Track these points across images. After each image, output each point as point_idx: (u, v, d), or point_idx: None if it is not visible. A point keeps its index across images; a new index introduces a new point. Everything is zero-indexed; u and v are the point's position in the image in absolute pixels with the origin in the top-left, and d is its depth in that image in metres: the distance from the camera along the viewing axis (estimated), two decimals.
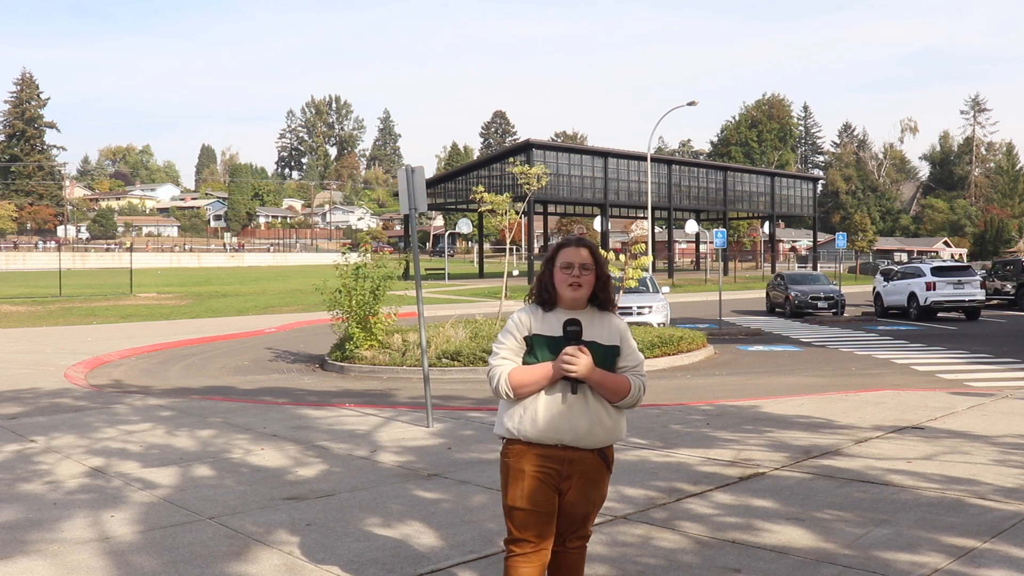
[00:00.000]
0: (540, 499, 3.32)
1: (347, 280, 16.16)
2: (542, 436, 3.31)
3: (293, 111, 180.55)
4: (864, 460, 7.04)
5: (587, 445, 3.34)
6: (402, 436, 8.59)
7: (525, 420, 3.32)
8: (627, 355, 3.40)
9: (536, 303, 3.45)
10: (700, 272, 64.30)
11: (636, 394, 3.36)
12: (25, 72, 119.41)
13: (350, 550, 5.02)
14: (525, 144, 53.84)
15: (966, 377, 12.98)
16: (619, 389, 3.32)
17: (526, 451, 3.34)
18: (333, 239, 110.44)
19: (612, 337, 3.38)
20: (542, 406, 3.30)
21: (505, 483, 3.41)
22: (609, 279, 3.45)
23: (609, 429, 3.37)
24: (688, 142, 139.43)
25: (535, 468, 3.32)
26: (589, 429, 3.31)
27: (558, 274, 3.39)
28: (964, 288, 25.26)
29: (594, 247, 3.45)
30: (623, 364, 3.39)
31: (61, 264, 48.80)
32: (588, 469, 3.37)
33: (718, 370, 14.81)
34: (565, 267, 3.37)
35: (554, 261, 3.41)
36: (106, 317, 29.37)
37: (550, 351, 3.32)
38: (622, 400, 3.34)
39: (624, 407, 3.39)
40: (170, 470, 7.21)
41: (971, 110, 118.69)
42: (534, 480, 3.32)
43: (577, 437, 3.31)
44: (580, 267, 3.36)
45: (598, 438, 3.35)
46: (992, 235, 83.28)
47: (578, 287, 3.35)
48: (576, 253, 3.38)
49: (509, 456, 3.39)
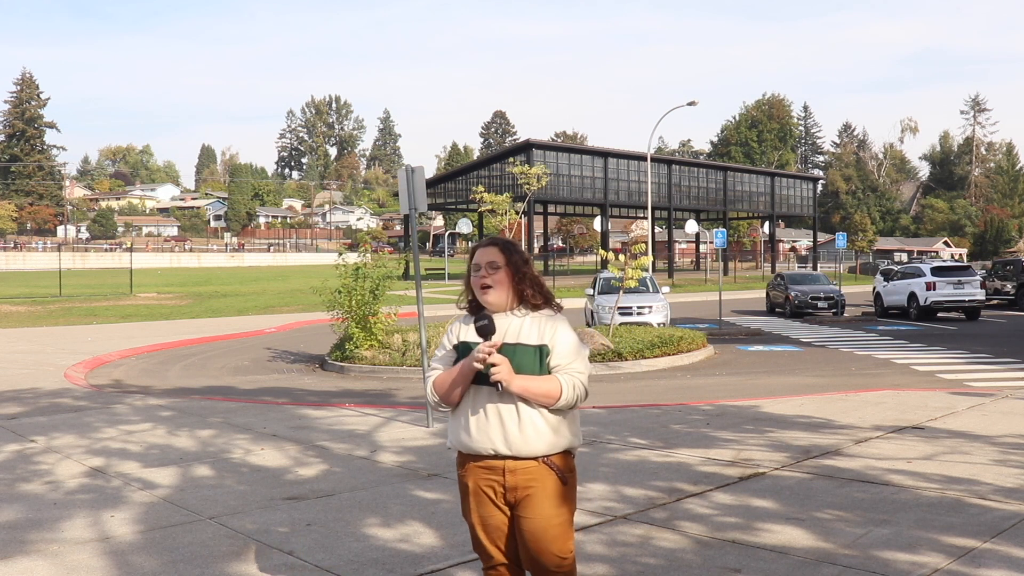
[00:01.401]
0: (485, 515, 3.18)
1: (347, 280, 16.16)
2: (475, 444, 3.12)
3: (293, 111, 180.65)
4: (864, 460, 7.04)
5: (525, 453, 3.08)
6: (402, 436, 8.59)
7: (459, 429, 3.18)
8: (558, 353, 3.10)
9: (469, 312, 3.28)
10: (700, 272, 64.30)
11: (570, 394, 3.05)
12: (25, 72, 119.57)
13: (350, 550, 5.02)
14: (525, 144, 53.87)
15: (966, 377, 12.97)
16: (548, 392, 3.03)
17: (469, 464, 3.19)
18: (333, 239, 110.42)
19: (541, 336, 3.11)
20: (472, 415, 3.13)
21: (460, 497, 3.31)
22: (527, 274, 3.18)
23: (548, 436, 3.09)
24: (688, 142, 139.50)
25: (479, 482, 3.17)
26: (522, 436, 3.06)
27: (472, 277, 3.21)
28: (964, 288, 25.25)
29: (505, 243, 3.24)
30: (555, 363, 3.09)
31: (61, 264, 48.77)
32: (533, 479, 3.09)
33: (718, 370, 14.81)
34: (475, 269, 3.20)
35: (470, 265, 3.24)
36: (106, 317, 29.37)
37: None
38: (556, 404, 3.04)
39: (562, 409, 3.09)
40: (170, 470, 7.21)
41: (971, 110, 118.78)
42: (479, 495, 3.17)
43: (510, 445, 3.07)
44: (488, 266, 3.15)
45: (536, 446, 3.08)
46: (992, 235, 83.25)
47: (487, 288, 3.14)
48: (483, 252, 3.19)
49: (459, 469, 3.26)
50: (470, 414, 3.15)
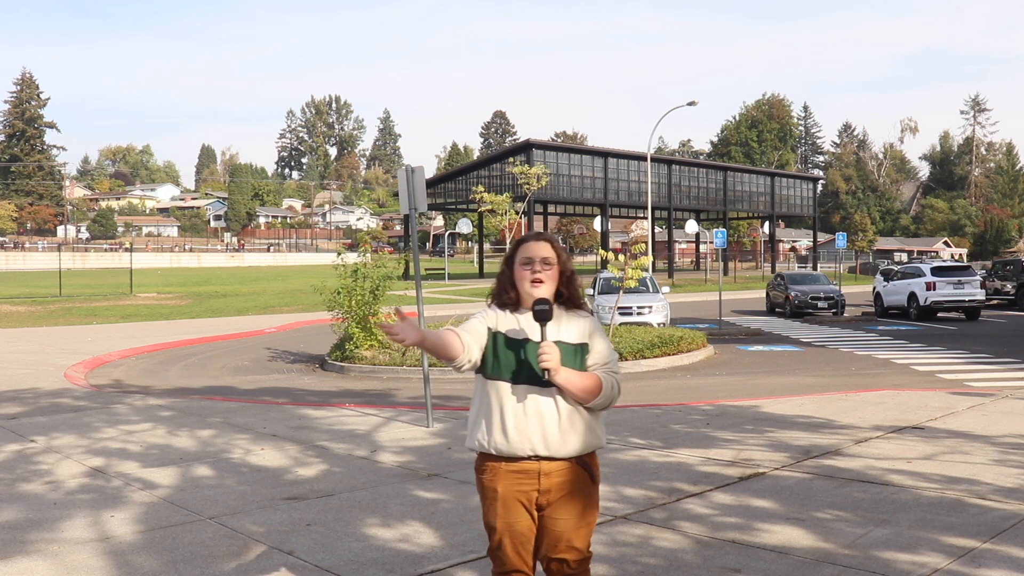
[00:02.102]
0: (513, 520, 3.11)
1: (347, 280, 16.17)
2: (513, 447, 3.07)
3: (293, 111, 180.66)
4: (864, 460, 7.04)
5: (562, 454, 3.09)
6: (402, 436, 8.59)
7: (494, 431, 3.10)
8: (596, 352, 3.16)
9: (498, 305, 3.22)
10: (700, 272, 64.30)
11: (609, 392, 3.10)
12: (25, 72, 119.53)
13: (350, 550, 5.02)
14: (525, 144, 53.84)
15: (966, 377, 12.97)
16: (590, 388, 3.07)
17: (499, 468, 3.12)
18: (333, 239, 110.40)
19: (581, 335, 3.15)
20: (509, 414, 3.08)
21: (482, 501, 3.22)
22: (574, 274, 3.24)
23: (584, 435, 3.12)
24: (688, 142, 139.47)
25: (509, 487, 3.11)
26: (562, 436, 3.08)
27: (518, 271, 3.17)
28: (964, 288, 25.24)
29: (555, 241, 3.25)
30: (593, 362, 3.14)
31: (61, 264, 48.75)
32: (567, 481, 3.11)
33: (718, 370, 14.81)
34: (525, 263, 3.16)
35: (514, 259, 3.20)
36: (106, 317, 29.37)
37: (515, 352, 3.10)
38: (594, 400, 3.08)
39: (597, 408, 3.13)
40: (170, 470, 7.22)
41: (971, 110, 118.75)
42: (509, 500, 3.11)
43: (549, 445, 3.07)
44: (541, 261, 3.14)
45: (573, 446, 3.10)
46: (992, 235, 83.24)
47: (540, 283, 3.13)
48: (536, 247, 3.18)
49: (484, 473, 3.18)
50: (507, 414, 3.09)
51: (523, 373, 3.08)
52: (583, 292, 3.29)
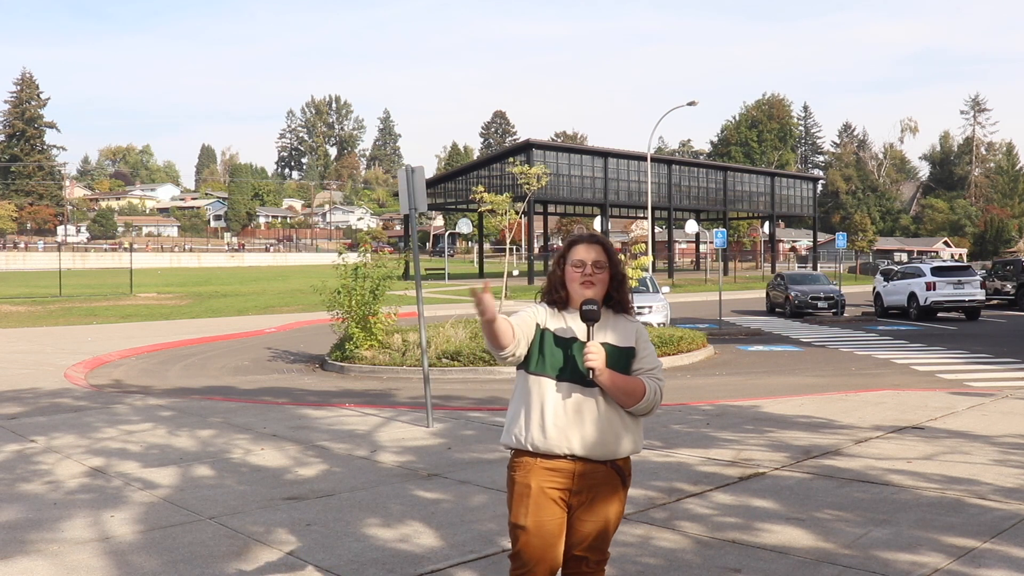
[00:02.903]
0: (545, 520, 3.10)
1: (347, 280, 16.17)
2: (550, 444, 3.08)
3: (293, 111, 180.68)
4: (864, 460, 7.05)
5: (599, 456, 3.09)
6: (402, 436, 8.59)
7: (532, 427, 3.10)
8: (642, 357, 3.16)
9: (548, 303, 3.23)
10: (700, 272, 64.30)
11: (652, 398, 3.10)
12: (25, 72, 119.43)
13: (350, 550, 5.02)
14: (525, 144, 53.85)
15: (966, 377, 12.97)
16: (633, 391, 3.07)
17: (533, 464, 3.11)
18: (333, 239, 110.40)
19: (627, 339, 3.17)
20: (550, 411, 3.08)
21: (510, 499, 3.18)
22: (625, 278, 3.25)
23: (622, 439, 3.13)
24: (688, 142, 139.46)
25: (542, 484, 3.10)
26: (600, 437, 3.08)
27: (569, 272, 3.18)
28: (964, 288, 25.25)
29: (608, 244, 3.24)
30: (638, 367, 3.15)
31: (61, 264, 48.74)
32: (600, 483, 3.12)
33: (718, 370, 14.81)
34: (577, 265, 3.17)
35: (566, 259, 3.21)
36: (106, 317, 29.36)
37: (562, 350, 3.12)
38: (636, 404, 3.08)
39: (639, 413, 3.13)
40: (170, 470, 7.22)
41: (971, 110, 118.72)
42: (541, 498, 3.09)
43: (587, 446, 3.07)
44: (593, 265, 3.15)
45: (610, 448, 3.10)
46: (992, 235, 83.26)
47: (591, 285, 3.14)
48: (588, 250, 3.18)
49: (516, 470, 3.16)
50: (548, 411, 3.10)
51: (568, 371, 3.10)
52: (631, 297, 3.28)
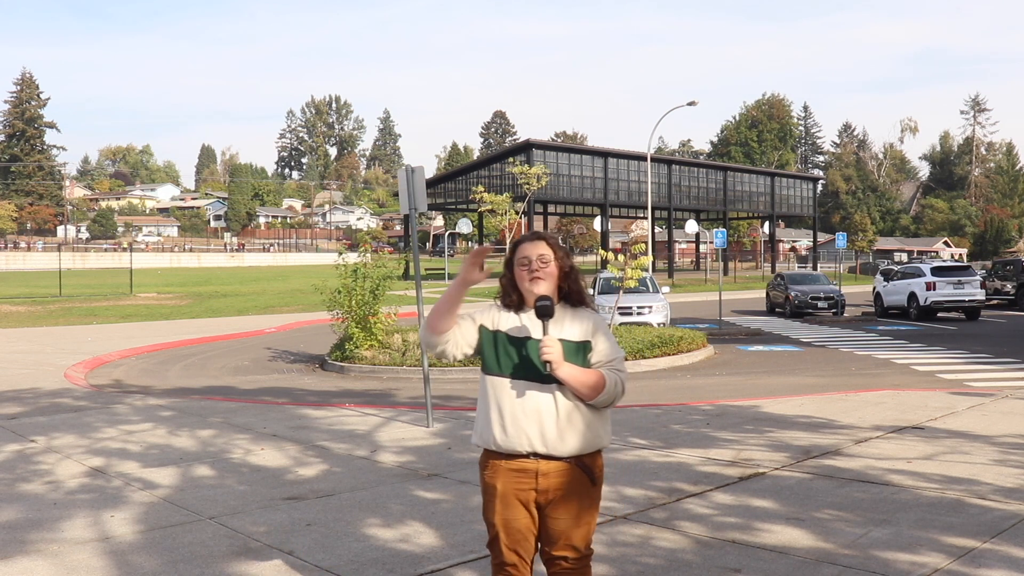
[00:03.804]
0: (511, 518, 3.13)
1: (347, 280, 16.17)
2: (511, 443, 3.08)
3: (293, 111, 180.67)
4: (864, 460, 7.04)
5: (561, 453, 3.08)
6: (402, 436, 8.59)
7: (494, 427, 3.12)
8: (600, 349, 3.14)
9: (503, 306, 3.24)
10: (700, 272, 64.29)
11: (613, 389, 3.08)
12: (25, 72, 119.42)
13: (350, 550, 5.02)
14: (525, 144, 53.87)
15: (966, 377, 12.97)
16: (593, 384, 3.05)
17: (499, 466, 3.14)
18: (333, 239, 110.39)
19: (583, 332, 3.14)
20: (508, 410, 3.09)
21: (483, 496, 3.25)
22: (574, 270, 3.22)
23: (584, 434, 3.10)
24: (688, 142, 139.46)
25: (508, 485, 3.13)
26: (560, 434, 3.06)
27: (517, 272, 3.18)
28: (964, 288, 25.24)
29: (551, 238, 3.24)
30: (596, 359, 3.13)
31: (61, 264, 48.74)
32: (565, 482, 3.10)
33: (718, 370, 14.81)
34: (523, 263, 3.17)
35: (512, 260, 3.21)
36: (106, 317, 29.36)
37: (516, 348, 3.12)
38: (597, 397, 3.06)
39: (601, 405, 3.11)
40: (170, 470, 7.22)
41: (971, 110, 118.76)
42: (507, 498, 3.13)
43: (547, 443, 3.06)
44: (538, 259, 3.15)
45: (572, 444, 3.08)
46: (992, 235, 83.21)
47: (539, 280, 3.12)
48: (533, 247, 3.19)
49: (484, 470, 3.21)
50: (505, 411, 3.11)
51: (523, 370, 3.09)
52: (585, 288, 3.28)
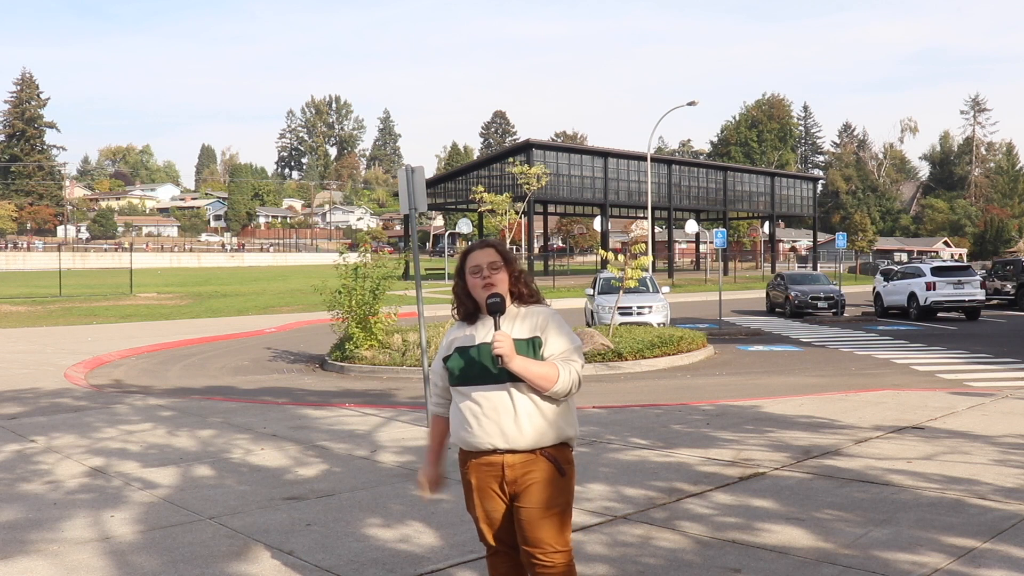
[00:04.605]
0: (490, 508, 3.30)
1: (347, 280, 16.17)
2: (475, 441, 3.22)
3: (293, 111, 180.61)
4: (864, 460, 7.04)
5: (521, 446, 3.18)
6: (402, 436, 8.59)
7: (459, 428, 3.27)
8: (552, 342, 3.24)
9: (461, 319, 3.37)
10: (700, 272, 64.29)
11: (566, 378, 3.16)
12: (25, 72, 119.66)
13: (350, 550, 5.02)
14: (525, 144, 53.86)
15: (966, 377, 12.97)
16: (545, 375, 3.14)
17: (471, 462, 3.29)
18: (333, 239, 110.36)
19: (533, 329, 3.25)
20: (468, 412, 3.23)
21: (464, 492, 3.41)
22: (523, 273, 3.37)
23: (542, 426, 3.19)
24: (688, 142, 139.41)
25: (481, 478, 3.28)
26: (518, 428, 3.17)
27: (470, 280, 3.30)
28: (964, 288, 25.24)
29: (499, 244, 3.37)
30: (550, 352, 3.22)
31: (61, 264, 48.76)
32: (531, 472, 3.20)
33: (718, 370, 14.81)
34: (474, 271, 3.29)
35: (464, 269, 3.34)
36: (106, 317, 29.36)
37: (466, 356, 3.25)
38: (552, 388, 3.14)
39: (558, 396, 3.19)
40: (170, 470, 7.22)
41: (971, 110, 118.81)
42: (483, 491, 3.29)
43: (508, 439, 3.17)
44: (488, 266, 3.27)
45: (532, 437, 3.18)
46: (992, 235, 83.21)
47: (492, 287, 3.25)
48: (482, 254, 3.31)
49: (461, 467, 3.36)
50: (468, 413, 3.24)
51: (477, 374, 3.22)
52: (535, 287, 3.43)
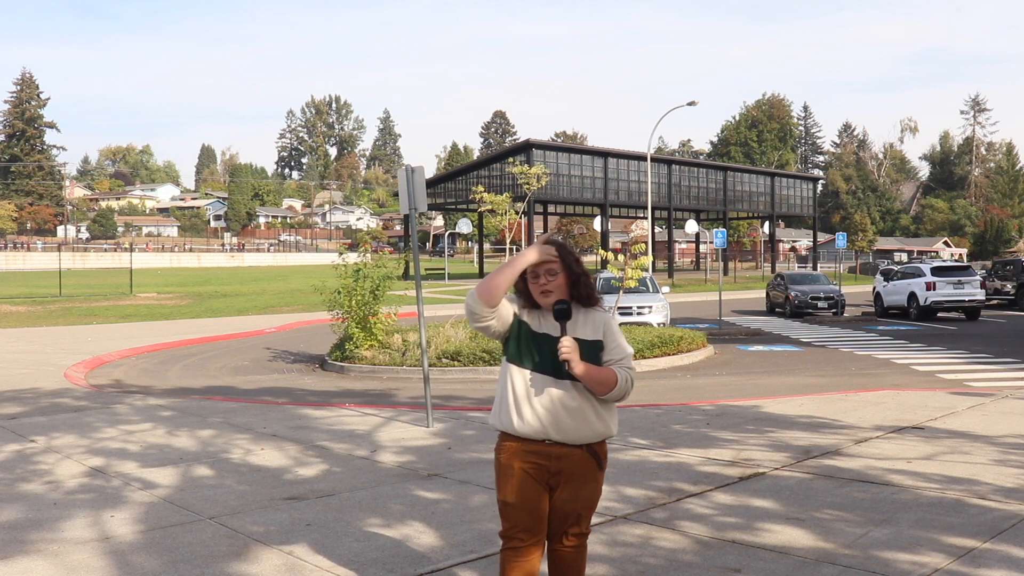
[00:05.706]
0: (529, 495, 3.37)
1: (347, 280, 16.16)
2: (528, 431, 3.34)
3: (293, 111, 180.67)
4: (864, 460, 7.04)
5: (574, 441, 3.35)
6: (402, 436, 8.59)
7: (513, 414, 3.36)
8: (611, 348, 3.39)
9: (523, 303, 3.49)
10: (700, 272, 64.30)
11: (623, 386, 3.35)
12: (25, 72, 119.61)
13: (350, 550, 5.02)
14: (525, 144, 53.83)
15: (966, 377, 12.97)
16: (605, 380, 3.31)
17: (515, 447, 3.38)
18: (333, 239, 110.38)
19: (595, 332, 3.39)
20: (528, 401, 3.34)
21: (497, 478, 3.46)
22: (583, 275, 3.42)
23: (595, 424, 3.37)
24: (688, 142, 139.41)
25: (523, 465, 3.36)
26: (574, 424, 3.33)
27: (531, 283, 3.40)
28: (964, 288, 25.25)
29: (560, 244, 3.43)
30: (608, 357, 3.38)
31: (61, 264, 48.75)
32: (577, 466, 3.38)
33: (718, 370, 14.81)
34: (533, 277, 3.39)
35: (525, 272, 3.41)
36: (106, 317, 29.36)
37: (536, 343, 3.36)
38: (609, 392, 3.33)
39: (611, 400, 3.38)
40: (170, 470, 7.21)
41: (971, 110, 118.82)
42: (522, 477, 3.36)
43: (562, 432, 3.33)
44: (546, 272, 3.36)
45: (584, 434, 3.36)
46: (992, 235, 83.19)
47: (548, 294, 3.36)
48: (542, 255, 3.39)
49: (501, 452, 3.43)
50: (525, 400, 3.36)
51: (542, 364, 3.35)
52: (595, 289, 3.50)
